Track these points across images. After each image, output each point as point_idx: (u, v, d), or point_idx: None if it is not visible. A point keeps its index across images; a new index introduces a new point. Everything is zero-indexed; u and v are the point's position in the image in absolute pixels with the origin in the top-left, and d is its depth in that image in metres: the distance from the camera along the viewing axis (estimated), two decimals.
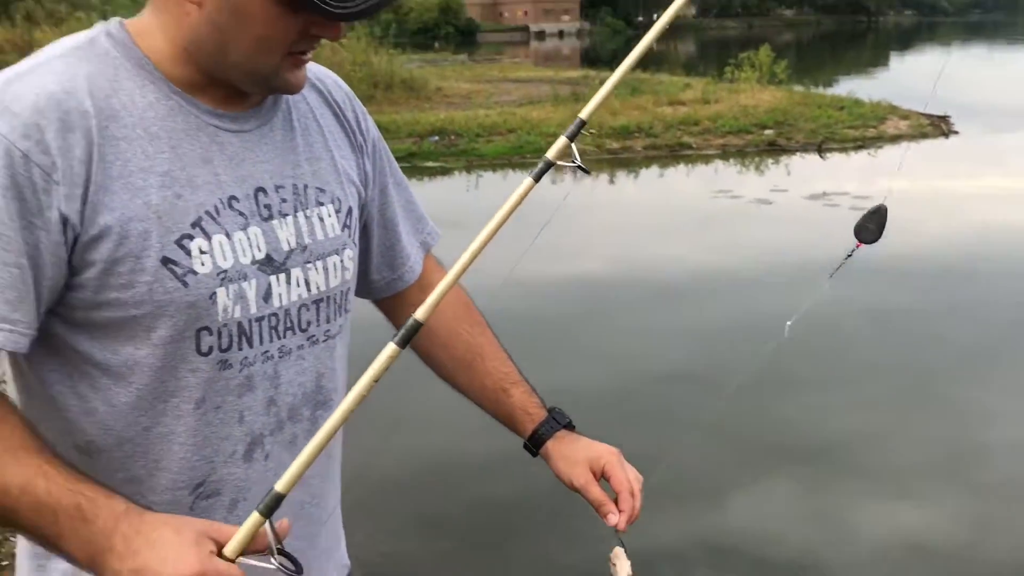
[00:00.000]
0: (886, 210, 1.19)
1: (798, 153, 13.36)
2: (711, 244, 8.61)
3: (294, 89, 1.14)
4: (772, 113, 14.88)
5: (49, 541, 0.99)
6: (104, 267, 1.04)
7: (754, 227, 9.30)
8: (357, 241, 1.27)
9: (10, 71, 1.05)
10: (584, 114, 1.07)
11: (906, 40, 60.70)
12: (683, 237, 8.92)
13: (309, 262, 1.18)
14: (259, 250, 1.12)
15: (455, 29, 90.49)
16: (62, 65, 1.05)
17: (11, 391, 1.13)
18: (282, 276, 1.15)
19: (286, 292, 1.15)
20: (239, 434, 1.13)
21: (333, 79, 1.32)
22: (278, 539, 0.93)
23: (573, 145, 1.04)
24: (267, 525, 0.93)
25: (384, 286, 1.40)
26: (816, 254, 7.87)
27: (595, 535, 1.32)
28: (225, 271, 1.09)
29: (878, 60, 41.39)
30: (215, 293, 1.08)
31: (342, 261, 1.22)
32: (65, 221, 1.01)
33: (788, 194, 10.45)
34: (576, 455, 1.33)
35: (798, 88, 18.74)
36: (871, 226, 1.18)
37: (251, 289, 1.11)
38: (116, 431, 1.10)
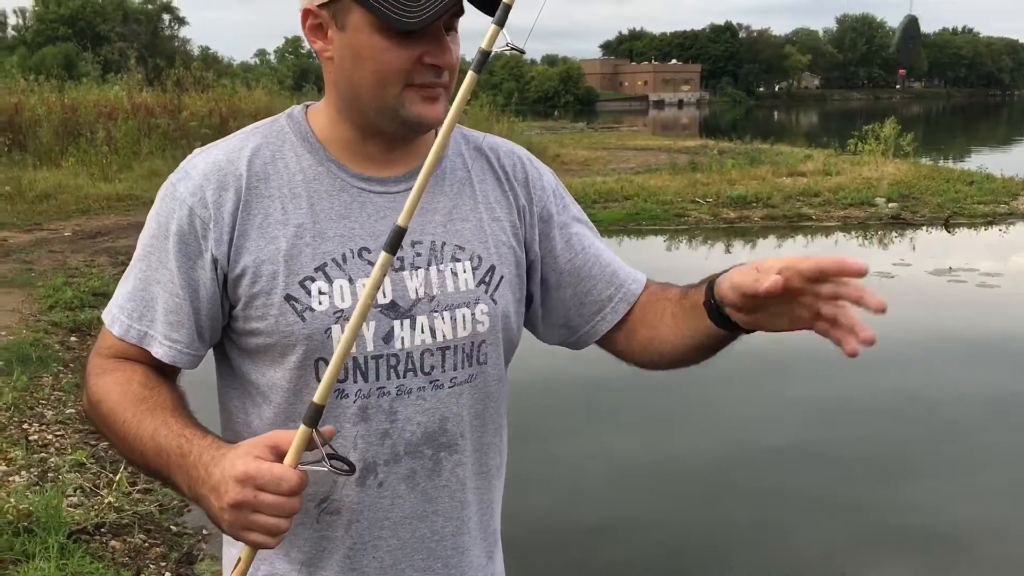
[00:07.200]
0: (914, 21, 0.92)
1: (923, 228, 12.99)
2: None
3: (427, 122, 1.24)
4: (897, 186, 14.54)
5: (167, 480, 1.18)
6: (246, 301, 1.24)
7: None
8: (497, 299, 1.33)
9: (204, 147, 1.30)
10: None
11: None
12: None
13: (436, 311, 1.27)
14: (384, 296, 1.25)
15: (575, 98, 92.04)
16: (236, 140, 1.30)
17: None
18: (406, 322, 1.26)
19: (409, 336, 1.26)
20: (353, 459, 1.21)
21: (508, 147, 1.43)
22: (325, 442, 1.07)
23: (503, 31, 1.06)
24: (313, 433, 1.07)
25: (591, 332, 1.41)
26: (939, 331, 7.63)
27: None
28: (342, 311, 1.22)
29: (1012, 134, 39.89)
30: (330, 329, 1.22)
31: (473, 315, 1.30)
32: (215, 262, 1.23)
33: (911, 268, 10.17)
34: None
35: (925, 162, 18.27)
36: (909, 45, 0.93)
37: (369, 330, 1.23)
38: None
